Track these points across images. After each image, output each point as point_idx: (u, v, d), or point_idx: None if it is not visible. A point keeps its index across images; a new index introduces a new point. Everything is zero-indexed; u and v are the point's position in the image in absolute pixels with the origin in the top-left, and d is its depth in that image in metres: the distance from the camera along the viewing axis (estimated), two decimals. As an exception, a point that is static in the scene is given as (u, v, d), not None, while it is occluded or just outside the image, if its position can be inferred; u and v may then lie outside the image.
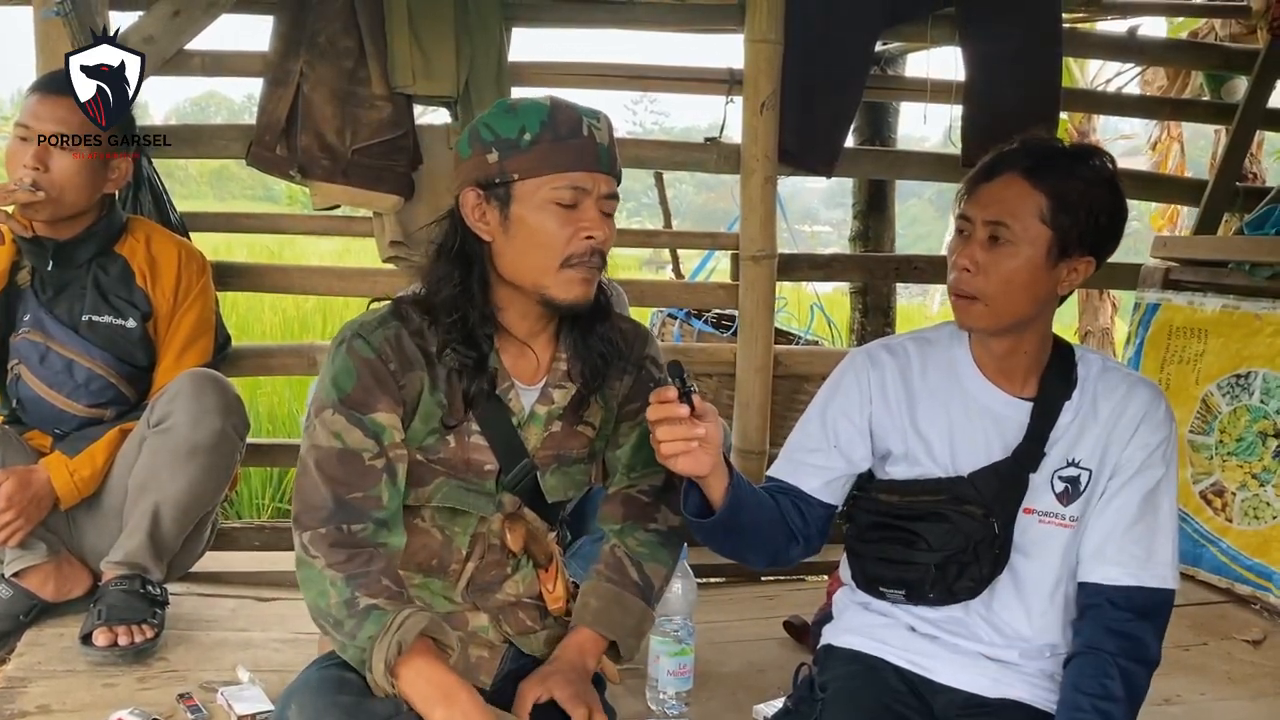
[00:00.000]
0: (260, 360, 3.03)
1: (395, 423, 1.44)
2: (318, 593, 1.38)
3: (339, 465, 1.40)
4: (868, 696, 1.57)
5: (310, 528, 1.39)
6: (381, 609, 1.34)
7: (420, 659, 1.34)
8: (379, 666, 1.32)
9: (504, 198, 1.43)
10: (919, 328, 1.76)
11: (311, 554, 1.38)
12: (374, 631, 1.33)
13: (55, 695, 1.91)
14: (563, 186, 1.41)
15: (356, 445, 1.41)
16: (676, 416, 1.36)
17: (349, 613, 1.34)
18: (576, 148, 1.42)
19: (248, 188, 25.89)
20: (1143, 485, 1.57)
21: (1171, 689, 2.18)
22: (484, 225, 1.45)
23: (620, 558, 1.60)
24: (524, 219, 1.42)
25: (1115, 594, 1.54)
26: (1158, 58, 4.09)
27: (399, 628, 1.32)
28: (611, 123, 1.49)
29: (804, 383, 3.22)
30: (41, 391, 2.18)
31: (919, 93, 3.33)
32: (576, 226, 1.42)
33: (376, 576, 1.37)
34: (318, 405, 1.44)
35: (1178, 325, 3.07)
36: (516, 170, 1.41)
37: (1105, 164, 1.54)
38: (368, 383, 1.42)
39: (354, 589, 1.35)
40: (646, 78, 3.16)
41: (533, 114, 1.42)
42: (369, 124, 2.74)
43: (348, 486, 1.40)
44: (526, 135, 1.41)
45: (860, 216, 4.48)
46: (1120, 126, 6.70)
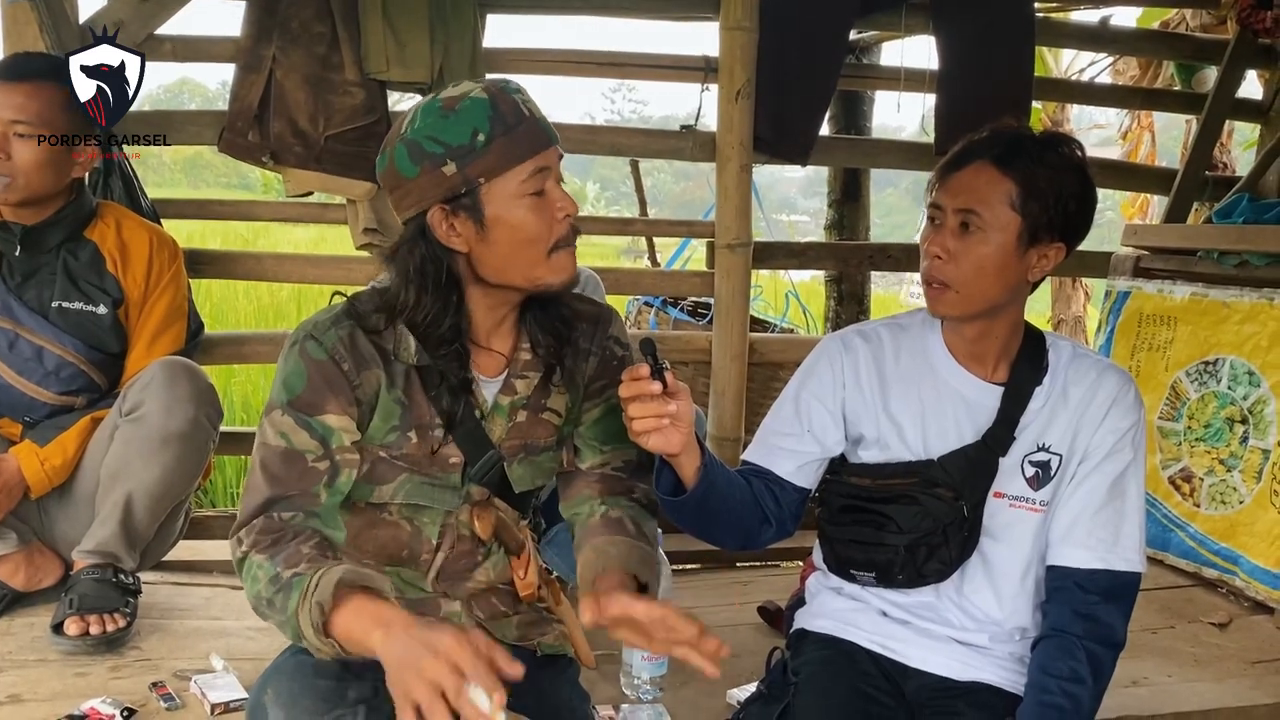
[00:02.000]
0: (234, 348, 3.02)
1: (347, 425, 1.41)
2: (251, 580, 1.33)
3: (281, 464, 1.38)
4: (840, 680, 1.59)
5: (245, 524, 1.37)
6: (301, 574, 1.28)
7: (346, 607, 1.25)
8: (308, 632, 1.25)
9: (473, 205, 1.37)
10: (893, 314, 1.77)
11: (244, 546, 1.35)
12: (298, 600, 1.27)
13: (27, 684, 1.90)
14: (529, 176, 1.37)
15: (301, 446, 1.39)
16: (648, 393, 1.36)
17: (275, 589, 1.29)
18: (527, 133, 1.37)
19: (222, 175, 25.65)
20: (1111, 470, 1.59)
21: (1139, 671, 2.21)
22: (458, 238, 1.40)
23: (617, 516, 1.54)
24: (500, 219, 1.38)
25: (1082, 577, 1.56)
26: (1129, 47, 4.12)
27: (315, 589, 1.25)
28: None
29: (779, 370, 3.23)
30: (10, 379, 2.15)
31: (893, 81, 3.34)
32: (551, 211, 1.40)
33: (297, 548, 1.32)
34: (268, 405, 1.42)
35: (1147, 313, 3.10)
36: (481, 174, 1.36)
37: (1074, 151, 1.56)
38: (318, 384, 1.39)
39: (277, 565, 1.31)
40: (622, 65, 3.16)
41: (477, 112, 1.35)
42: (342, 110, 2.73)
43: (285, 484, 1.38)
44: (480, 136, 1.35)
45: (835, 205, 4.51)
46: (1095, 116, 6.73)
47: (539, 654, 1.57)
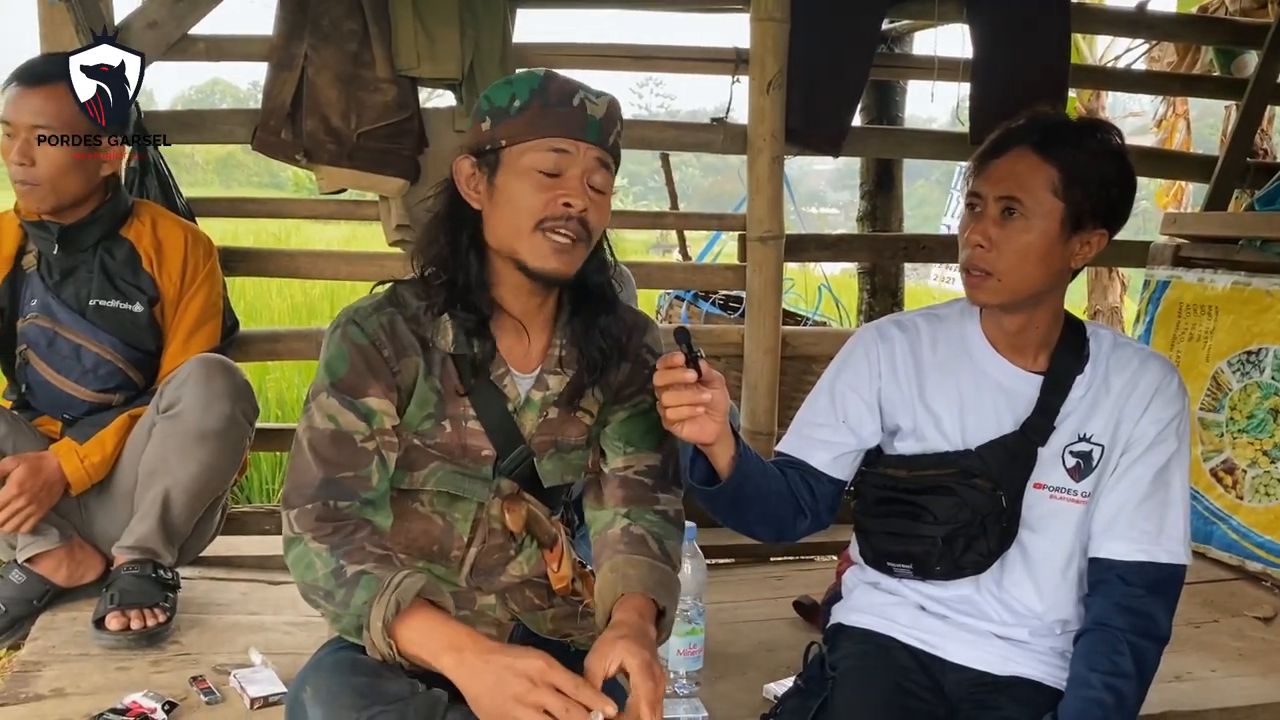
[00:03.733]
0: (268, 345, 3.04)
1: (387, 408, 1.44)
2: (305, 566, 1.36)
3: (331, 446, 1.40)
4: (879, 675, 1.57)
5: (297, 505, 1.39)
6: (370, 573, 1.32)
7: (418, 616, 1.30)
8: (377, 626, 1.29)
9: (492, 164, 1.43)
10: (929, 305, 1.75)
11: (297, 529, 1.37)
12: (367, 596, 1.30)
13: (70, 679, 1.92)
14: (545, 151, 1.40)
15: (349, 427, 1.41)
16: (682, 382, 1.36)
17: (337, 582, 1.32)
18: (563, 114, 1.41)
19: (254, 175, 25.91)
20: (1155, 460, 1.57)
21: (1183, 666, 2.18)
22: (475, 194, 1.46)
23: (639, 533, 1.54)
24: (506, 184, 1.42)
25: (1126, 569, 1.53)
26: (1167, 33, 4.05)
27: (396, 588, 1.29)
28: (618, 106, 1.47)
29: (812, 364, 3.21)
30: (49, 376, 2.19)
31: (926, 71, 3.31)
32: (555, 193, 1.41)
33: (361, 544, 1.35)
34: (313, 389, 1.45)
35: (1187, 302, 3.05)
36: (504, 136, 1.42)
37: (1113, 136, 1.54)
38: (360, 368, 1.42)
39: (339, 558, 1.33)
40: (652, 58, 3.15)
41: (525, 83, 1.43)
42: (374, 107, 2.74)
43: (339, 466, 1.39)
44: (516, 102, 1.41)
45: (868, 197, 4.47)
46: (1128, 104, 6.65)
47: (573, 649, 1.57)
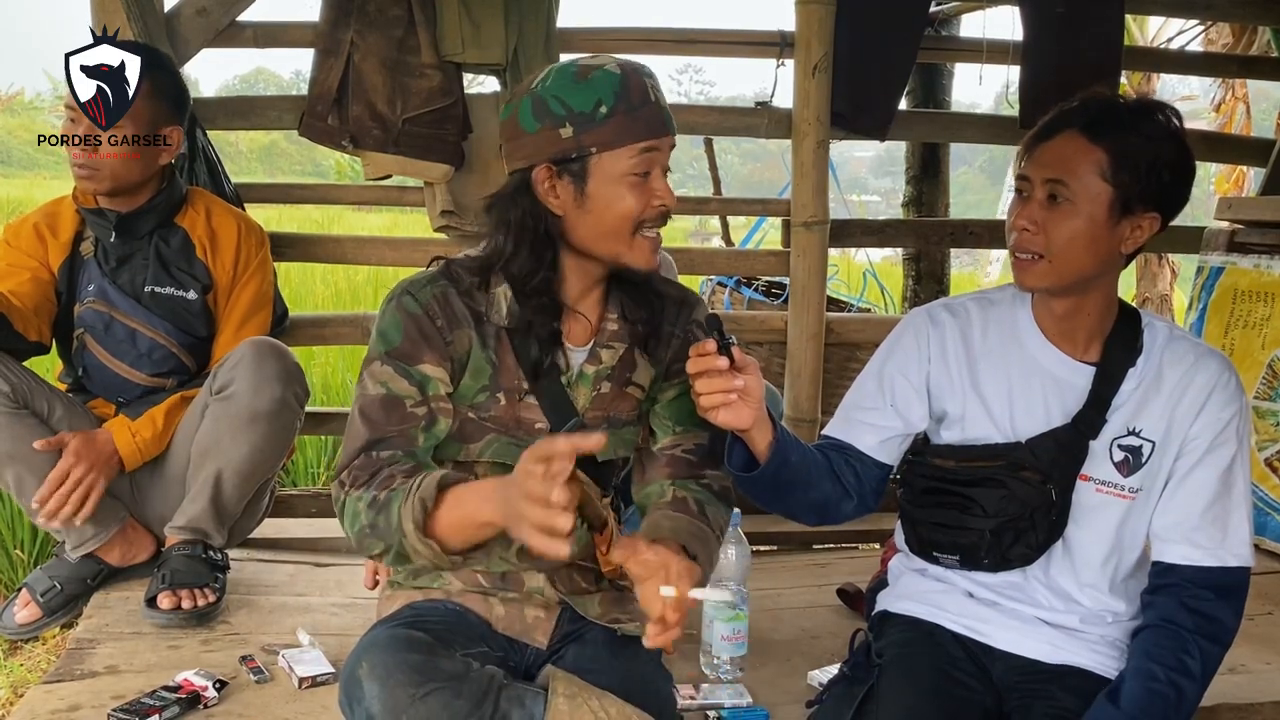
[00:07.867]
0: (314, 330, 3.07)
1: (442, 375, 1.45)
2: (351, 516, 1.37)
3: (381, 409, 1.42)
4: (925, 663, 1.56)
5: (345, 465, 1.41)
6: (397, 489, 1.33)
7: (445, 503, 1.30)
8: (410, 529, 1.29)
9: (579, 173, 1.41)
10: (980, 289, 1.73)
11: (345, 487, 1.39)
12: (398, 507, 1.31)
13: (123, 656, 1.96)
14: (638, 156, 1.40)
15: (400, 392, 1.43)
16: (715, 369, 1.36)
17: (375, 512, 1.33)
18: (647, 116, 1.41)
19: (296, 163, 26.14)
20: (1217, 464, 1.53)
21: (1236, 658, 2.14)
22: (555, 200, 1.44)
23: (683, 497, 1.55)
24: (600, 192, 1.41)
25: (1193, 574, 1.50)
26: (1224, 13, 3.95)
27: (419, 488, 1.30)
28: (655, 76, 1.46)
29: (856, 350, 3.19)
30: (105, 360, 2.23)
31: (974, 54, 3.26)
32: (650, 196, 1.43)
33: (392, 474, 1.36)
34: (367, 359, 1.47)
35: (1243, 289, 2.98)
36: (595, 144, 1.39)
37: (1170, 118, 1.49)
38: (414, 336, 1.44)
39: (374, 490, 1.35)
40: (696, 41, 3.13)
41: (606, 85, 1.39)
42: (419, 93, 2.75)
43: (384, 428, 1.41)
44: (603, 108, 1.39)
45: (913, 182, 4.42)
46: (1178, 89, 6.51)
47: (620, 634, 1.57)
